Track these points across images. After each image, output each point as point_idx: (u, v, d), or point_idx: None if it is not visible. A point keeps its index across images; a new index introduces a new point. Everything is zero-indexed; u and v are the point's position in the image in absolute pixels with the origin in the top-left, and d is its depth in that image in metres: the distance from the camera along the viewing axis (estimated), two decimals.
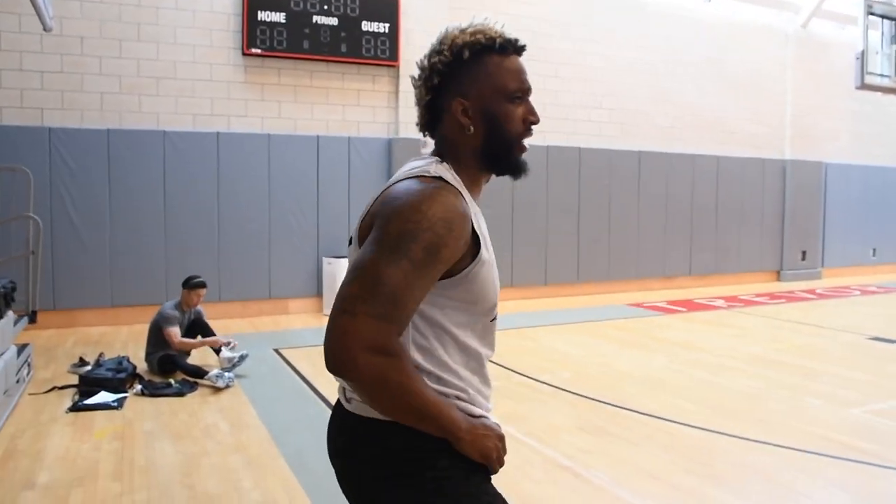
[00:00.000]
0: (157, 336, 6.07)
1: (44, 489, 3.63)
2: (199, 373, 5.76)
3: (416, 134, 9.82)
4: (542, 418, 4.90)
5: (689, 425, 4.73)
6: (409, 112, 9.88)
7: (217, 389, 5.56)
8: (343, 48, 9.34)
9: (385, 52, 9.57)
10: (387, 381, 1.26)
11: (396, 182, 1.41)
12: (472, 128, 1.45)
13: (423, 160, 1.47)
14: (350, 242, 1.50)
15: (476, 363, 1.47)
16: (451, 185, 1.38)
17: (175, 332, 6.04)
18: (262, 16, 8.88)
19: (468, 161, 1.47)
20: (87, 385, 5.37)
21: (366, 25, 9.44)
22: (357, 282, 1.27)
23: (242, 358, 6.10)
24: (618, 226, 11.64)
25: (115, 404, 5.08)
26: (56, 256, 8.02)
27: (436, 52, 1.47)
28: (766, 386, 5.78)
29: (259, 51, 8.90)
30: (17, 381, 5.23)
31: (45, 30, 6.26)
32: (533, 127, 1.50)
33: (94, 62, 8.25)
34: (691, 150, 12.35)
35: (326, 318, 1.17)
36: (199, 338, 6.32)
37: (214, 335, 6.35)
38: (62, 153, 8.05)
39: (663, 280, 12.17)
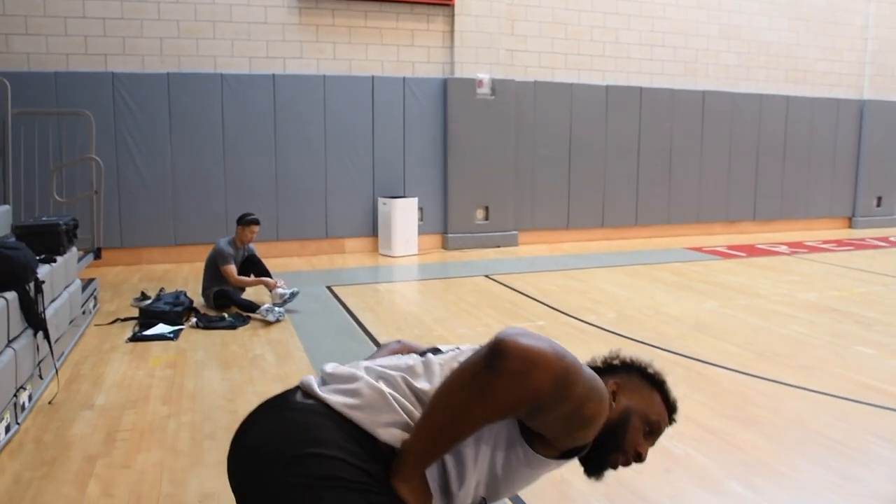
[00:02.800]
0: (212, 271, 6.33)
1: (100, 410, 3.91)
2: (252, 307, 6.01)
3: (470, 73, 9.75)
4: (580, 357, 4.92)
5: (728, 368, 4.68)
6: (464, 52, 9.77)
7: (268, 323, 5.79)
8: None
9: None
10: (498, 392, 1.34)
11: None
12: (613, 405, 1.62)
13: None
14: None
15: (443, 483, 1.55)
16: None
17: (232, 269, 6.29)
18: None
19: None
20: (147, 317, 5.68)
21: None
22: (574, 362, 1.44)
23: (293, 294, 6.30)
24: (679, 168, 11.33)
25: (172, 335, 5.36)
26: (122, 198, 8.39)
27: (636, 357, 1.78)
28: (816, 333, 5.64)
29: None
30: (84, 313, 5.57)
31: None
32: (634, 463, 1.68)
33: (153, 7, 8.43)
34: (759, 89, 11.82)
35: (381, 257, 1.24)
36: (252, 275, 6.56)
37: (267, 271, 6.58)
38: (125, 97, 8.33)
39: (726, 225, 11.86)
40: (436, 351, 1.72)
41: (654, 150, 11.10)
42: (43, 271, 4.30)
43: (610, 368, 1.72)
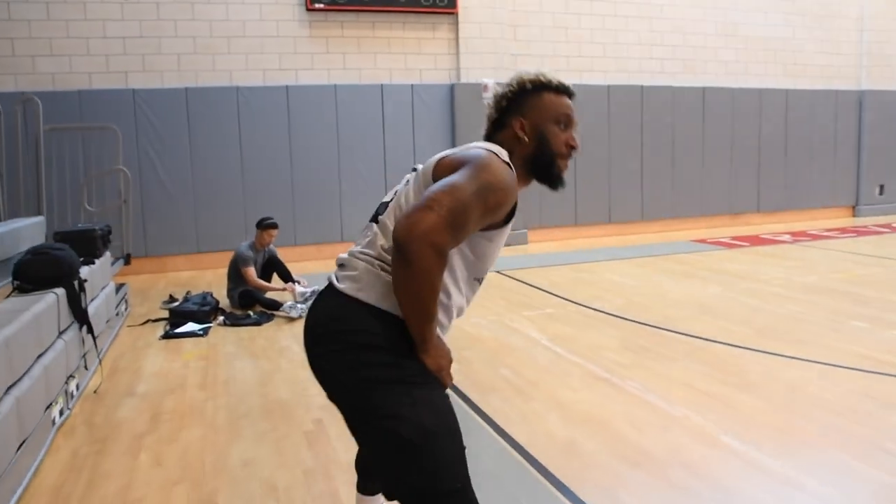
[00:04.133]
0: (235, 274, 6.65)
1: (142, 396, 4.23)
2: (275, 305, 6.33)
3: (476, 79, 10.07)
4: (589, 339, 5.21)
5: (728, 344, 4.95)
6: (469, 58, 10.10)
7: (291, 319, 6.11)
8: None
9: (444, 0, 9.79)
10: (427, 274, 1.57)
11: (475, 146, 1.79)
12: (526, 139, 1.86)
13: (490, 144, 1.83)
14: (413, 170, 1.87)
15: (446, 302, 1.79)
16: (512, 168, 1.77)
17: (251, 271, 6.61)
18: None
19: (518, 166, 1.83)
20: (177, 317, 6.01)
21: None
22: (449, 195, 1.57)
23: (314, 293, 6.61)
24: (682, 163, 11.60)
25: (202, 332, 5.69)
26: (146, 208, 8.75)
27: (507, 85, 1.89)
28: (813, 310, 5.89)
29: (322, 5, 9.27)
30: (117, 314, 5.91)
31: None
32: (573, 152, 1.91)
33: (170, 26, 8.82)
34: (758, 84, 12.08)
35: None
36: (275, 275, 6.89)
37: (288, 271, 6.90)
38: (146, 112, 8.71)
39: (730, 217, 12.10)
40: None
41: (657, 146, 11.37)
42: (85, 271, 4.63)
43: (506, 111, 1.88)
